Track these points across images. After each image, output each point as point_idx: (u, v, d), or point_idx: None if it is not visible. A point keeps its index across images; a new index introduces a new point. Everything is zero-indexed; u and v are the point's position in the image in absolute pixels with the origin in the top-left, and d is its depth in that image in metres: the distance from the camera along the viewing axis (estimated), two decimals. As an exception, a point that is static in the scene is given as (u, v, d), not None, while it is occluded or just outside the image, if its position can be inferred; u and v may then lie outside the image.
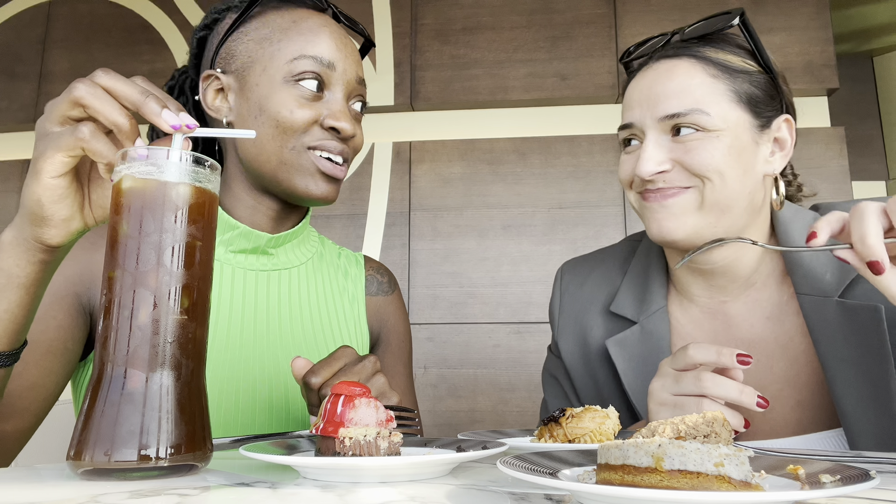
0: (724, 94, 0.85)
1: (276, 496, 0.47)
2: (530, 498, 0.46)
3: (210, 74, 0.93)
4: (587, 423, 0.73)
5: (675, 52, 0.88)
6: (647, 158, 0.85)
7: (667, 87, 0.85)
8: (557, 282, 1.11)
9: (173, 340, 0.55)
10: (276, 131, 0.89)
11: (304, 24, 0.92)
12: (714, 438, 0.54)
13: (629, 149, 0.92)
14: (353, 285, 1.08)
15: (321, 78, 0.90)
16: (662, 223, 0.85)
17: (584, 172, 2.32)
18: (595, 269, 1.07)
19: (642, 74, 0.90)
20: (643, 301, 0.97)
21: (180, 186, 0.56)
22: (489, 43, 2.41)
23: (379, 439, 0.56)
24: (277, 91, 0.89)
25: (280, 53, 0.90)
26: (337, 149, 0.91)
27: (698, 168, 0.83)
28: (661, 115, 0.85)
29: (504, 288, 2.26)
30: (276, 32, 0.91)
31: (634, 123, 0.89)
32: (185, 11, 2.56)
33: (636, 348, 0.95)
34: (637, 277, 1.00)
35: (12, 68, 2.61)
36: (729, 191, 0.84)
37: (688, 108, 0.83)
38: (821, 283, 0.86)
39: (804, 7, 2.32)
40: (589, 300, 1.04)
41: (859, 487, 0.38)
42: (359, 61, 0.96)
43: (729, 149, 0.83)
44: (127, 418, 0.52)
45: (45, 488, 0.50)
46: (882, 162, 2.78)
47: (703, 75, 0.85)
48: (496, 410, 2.19)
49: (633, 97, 0.90)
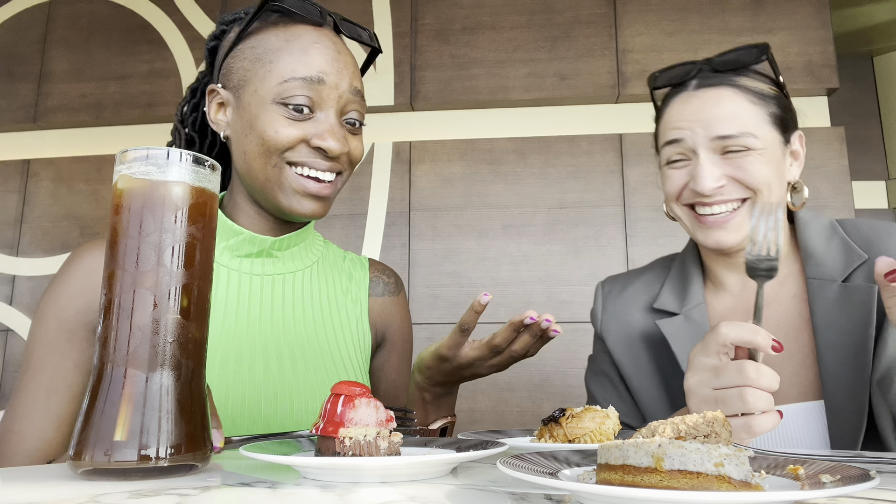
0: (763, 117, 0.98)
1: (276, 496, 0.47)
2: (530, 498, 0.46)
3: (213, 89, 0.97)
4: (587, 423, 0.73)
5: (716, 81, 1.01)
6: (706, 175, 0.96)
7: (716, 112, 0.97)
8: (598, 291, 1.22)
9: (173, 340, 0.55)
10: (262, 149, 0.91)
11: (295, 42, 0.92)
12: (714, 438, 0.54)
13: (677, 165, 1.02)
14: (356, 287, 1.08)
15: (311, 97, 0.90)
16: (721, 238, 0.98)
17: (584, 172, 2.32)
18: (634, 280, 1.18)
19: (686, 100, 1.02)
20: (683, 298, 1.08)
21: (180, 186, 0.57)
22: (489, 43, 2.41)
23: (379, 439, 0.56)
24: (266, 111, 0.90)
25: (270, 75, 0.91)
26: (324, 166, 0.92)
27: (752, 182, 0.96)
28: (715, 135, 0.96)
29: (504, 288, 2.26)
30: (268, 52, 0.92)
31: (685, 141, 0.99)
32: (185, 11, 2.56)
33: (684, 332, 1.04)
34: (677, 280, 1.11)
35: (12, 68, 2.60)
36: (774, 197, 0.97)
37: (739, 131, 0.96)
38: (828, 269, 0.96)
39: (804, 7, 2.32)
40: (630, 301, 1.14)
41: (859, 487, 0.38)
42: (354, 73, 0.95)
43: (769, 163, 0.97)
44: (127, 418, 0.52)
45: (45, 488, 0.50)
46: (882, 162, 2.78)
47: (745, 102, 0.98)
48: (496, 410, 2.19)
49: (680, 118, 1.01)
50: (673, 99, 1.04)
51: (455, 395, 1.03)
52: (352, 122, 0.95)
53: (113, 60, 2.56)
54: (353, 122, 0.96)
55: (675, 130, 1.01)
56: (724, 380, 0.73)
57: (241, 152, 0.94)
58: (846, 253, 0.97)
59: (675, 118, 1.02)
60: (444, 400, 1.00)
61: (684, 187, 1.01)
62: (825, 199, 2.20)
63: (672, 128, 1.01)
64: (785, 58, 2.29)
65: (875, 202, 2.66)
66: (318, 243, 1.09)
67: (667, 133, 1.02)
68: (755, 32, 2.31)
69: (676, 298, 1.08)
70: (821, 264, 0.98)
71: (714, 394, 0.74)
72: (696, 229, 1.02)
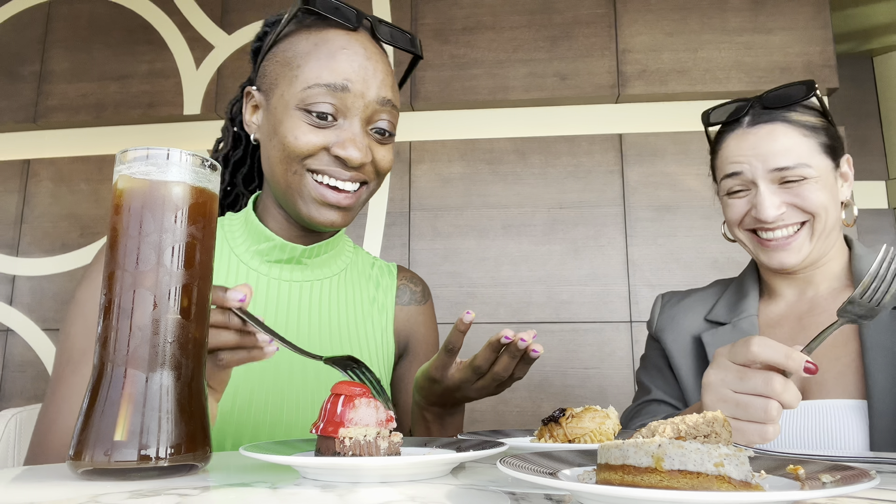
0: (815, 147, 1.06)
1: (276, 496, 0.47)
2: (530, 498, 0.46)
3: (249, 91, 0.97)
4: (587, 423, 0.73)
5: (768, 117, 1.08)
6: (768, 205, 1.04)
7: (773, 146, 1.05)
8: (658, 301, 1.30)
9: (173, 340, 0.55)
10: (283, 155, 0.89)
11: (324, 47, 0.90)
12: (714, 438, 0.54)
13: (738, 195, 1.11)
14: (383, 295, 1.07)
15: (335, 105, 0.88)
16: (784, 259, 1.06)
17: (585, 172, 2.32)
18: (692, 294, 1.25)
19: (741, 136, 1.10)
20: (735, 310, 1.15)
21: (180, 186, 0.57)
22: (489, 43, 2.41)
23: (379, 439, 0.56)
24: (289, 116, 0.89)
25: (297, 80, 0.89)
26: (345, 176, 0.90)
27: (810, 207, 1.04)
28: (773, 167, 1.04)
29: (504, 288, 2.26)
30: (297, 56, 0.91)
31: (745, 173, 1.07)
32: (185, 11, 2.56)
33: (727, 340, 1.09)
34: (733, 295, 1.19)
35: (12, 68, 2.60)
36: (831, 220, 1.05)
37: (794, 162, 1.04)
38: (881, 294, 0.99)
39: (804, 7, 2.31)
40: (686, 310, 1.22)
41: (859, 487, 0.38)
42: (383, 81, 0.92)
43: (824, 189, 1.05)
44: (127, 418, 0.52)
45: (45, 488, 0.50)
46: (882, 162, 2.78)
47: (797, 136, 1.06)
48: (496, 410, 2.19)
49: (738, 153, 1.09)
50: (728, 135, 1.12)
51: (460, 416, 0.98)
52: (380, 131, 0.92)
53: (113, 60, 2.56)
54: (382, 131, 0.93)
55: (734, 164, 1.09)
56: (748, 385, 0.73)
57: (266, 157, 0.93)
58: None
59: (732, 153, 1.10)
60: (447, 420, 0.96)
61: (746, 214, 1.09)
62: (825, 199, 2.20)
63: (731, 162, 1.09)
64: (785, 58, 2.29)
65: (875, 202, 2.66)
66: (347, 249, 1.07)
67: (726, 167, 1.11)
68: (755, 32, 2.31)
69: (729, 310, 1.15)
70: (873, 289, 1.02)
71: (735, 396, 0.73)
72: (758, 251, 1.10)
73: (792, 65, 2.28)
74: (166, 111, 2.49)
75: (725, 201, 1.14)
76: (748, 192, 1.09)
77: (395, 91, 0.95)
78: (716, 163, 1.17)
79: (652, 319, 1.28)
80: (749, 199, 1.09)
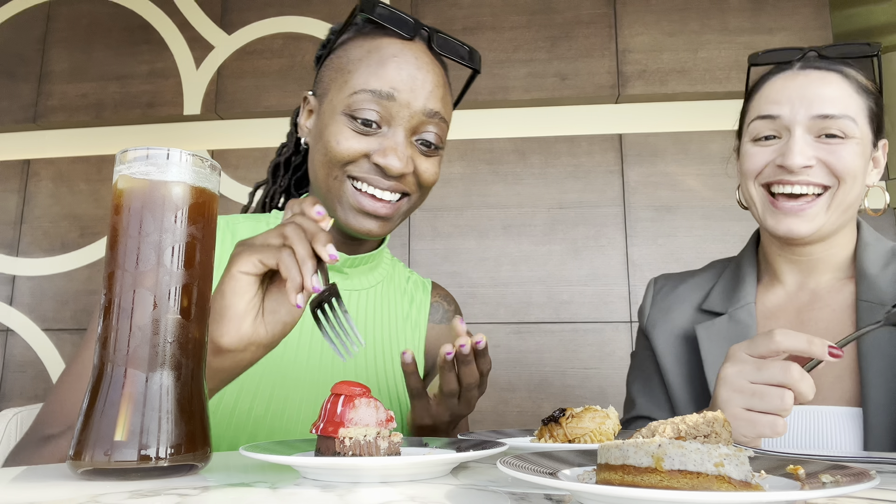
0: (863, 109, 0.97)
1: (276, 496, 0.47)
2: (530, 498, 0.46)
3: (305, 96, 0.98)
4: (587, 423, 0.73)
5: (823, 65, 0.99)
6: (798, 151, 0.93)
7: (822, 91, 0.95)
8: (650, 287, 1.21)
9: (173, 340, 0.55)
10: (325, 159, 0.89)
11: (375, 54, 0.89)
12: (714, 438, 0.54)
13: (764, 143, 0.99)
14: (416, 312, 1.07)
15: (380, 112, 0.87)
16: (794, 226, 0.96)
17: (584, 172, 2.32)
18: (687, 279, 1.16)
19: (791, 76, 0.99)
20: (732, 298, 1.06)
21: (180, 186, 0.57)
22: (489, 43, 2.41)
23: (379, 439, 0.56)
24: (335, 121, 0.89)
25: (346, 86, 0.89)
26: (384, 185, 0.89)
27: (841, 169, 0.94)
28: (817, 113, 0.94)
29: (504, 288, 2.26)
30: (350, 63, 0.91)
31: (782, 117, 0.96)
32: (185, 11, 2.56)
33: (722, 333, 1.02)
34: (729, 281, 1.10)
35: (12, 68, 2.60)
36: (854, 194, 0.97)
37: (842, 112, 0.94)
38: (880, 293, 0.96)
39: (804, 7, 2.31)
40: (681, 299, 1.13)
41: (859, 487, 0.38)
42: (432, 93, 0.91)
43: (861, 156, 0.96)
44: (127, 418, 0.52)
45: (45, 488, 0.50)
46: (882, 162, 2.78)
47: (850, 90, 0.97)
48: (496, 410, 2.19)
49: (781, 94, 0.98)
50: (774, 76, 1.02)
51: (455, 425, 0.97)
52: (425, 143, 0.91)
53: (113, 60, 2.56)
54: (427, 143, 0.91)
55: (772, 105, 0.98)
56: (765, 375, 0.73)
57: (311, 160, 0.94)
58: None
59: (775, 93, 0.99)
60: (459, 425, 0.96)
61: (767, 165, 0.97)
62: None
63: (770, 102, 0.99)
64: (785, 58, 2.29)
65: (875, 202, 2.66)
66: (385, 261, 1.06)
67: (762, 107, 0.99)
68: (755, 32, 2.31)
69: (725, 298, 1.07)
70: (873, 288, 0.97)
71: (751, 387, 0.73)
72: (767, 214, 0.99)
73: (792, 65, 2.28)
74: (166, 111, 2.49)
75: (747, 149, 1.02)
76: (778, 140, 0.98)
77: (446, 104, 0.94)
78: (749, 106, 1.05)
79: (643, 309, 1.19)
80: (777, 148, 0.97)
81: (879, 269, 0.99)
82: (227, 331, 0.65)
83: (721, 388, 0.76)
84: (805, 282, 1.04)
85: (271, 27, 2.50)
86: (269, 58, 2.48)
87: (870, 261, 1.00)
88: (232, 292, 0.65)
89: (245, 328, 0.65)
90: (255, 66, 2.47)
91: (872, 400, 0.89)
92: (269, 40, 2.49)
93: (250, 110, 2.45)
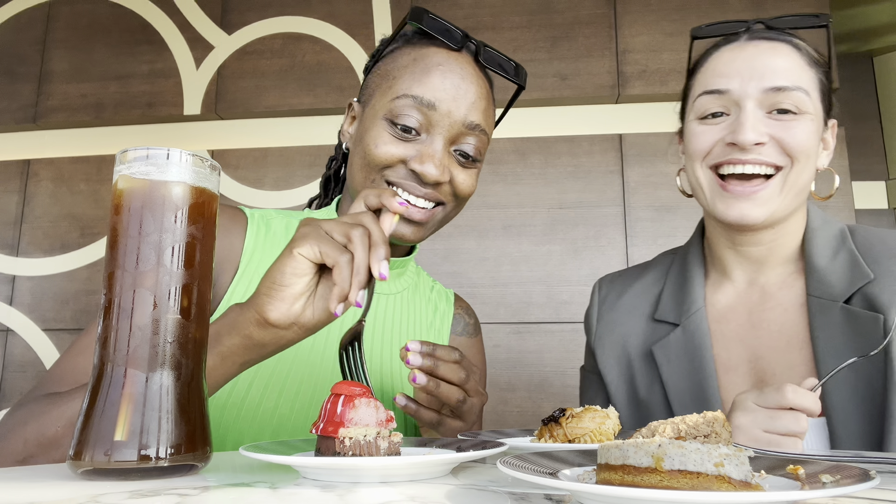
0: (816, 82, 0.91)
1: (276, 496, 0.47)
2: (530, 498, 0.46)
3: (350, 103, 0.99)
4: (587, 423, 0.73)
5: (773, 35, 0.92)
6: (751, 127, 0.86)
7: (773, 62, 0.89)
8: (595, 293, 1.13)
9: (173, 340, 0.55)
10: (363, 162, 0.90)
11: (421, 62, 0.90)
12: (714, 438, 0.54)
13: (711, 121, 0.92)
14: (440, 321, 1.07)
15: (420, 120, 0.88)
16: (746, 210, 0.88)
17: (584, 172, 2.32)
18: (634, 282, 1.09)
19: (739, 48, 0.92)
20: (683, 303, 1.00)
21: (180, 186, 0.56)
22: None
23: (379, 439, 0.56)
24: (375, 126, 0.89)
25: (389, 91, 0.90)
26: (420, 192, 0.89)
27: (795, 147, 0.87)
28: (768, 86, 0.87)
29: (504, 288, 2.26)
30: (395, 70, 0.91)
31: (732, 91, 0.89)
32: (185, 11, 2.56)
33: (679, 349, 0.98)
34: (676, 283, 1.03)
35: (12, 68, 2.60)
36: (806, 175, 0.90)
37: (794, 84, 0.87)
38: (830, 288, 0.91)
39: (804, 7, 2.31)
40: (629, 309, 1.06)
41: (859, 487, 0.38)
42: (474, 104, 0.90)
43: (815, 134, 0.89)
44: (127, 418, 0.52)
45: (45, 488, 0.50)
46: (882, 162, 2.77)
47: (801, 61, 0.90)
48: (496, 410, 2.19)
49: (729, 67, 0.91)
50: (720, 48, 0.95)
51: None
52: (463, 154, 0.91)
53: (113, 60, 2.56)
54: (465, 155, 0.92)
55: (720, 79, 0.91)
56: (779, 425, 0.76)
57: (350, 163, 0.94)
58: (851, 269, 0.91)
59: (722, 66, 0.92)
60: None
61: (715, 144, 0.90)
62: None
63: (717, 75, 0.91)
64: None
65: (875, 202, 2.66)
66: (411, 269, 1.07)
67: (708, 82, 0.92)
68: (755, 32, 2.31)
69: (676, 304, 1.01)
70: (823, 281, 0.92)
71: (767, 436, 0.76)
72: (717, 199, 0.91)
73: (792, 65, 2.28)
74: (166, 111, 2.49)
75: (693, 129, 0.94)
76: (727, 118, 0.91)
77: (488, 117, 0.94)
78: (693, 82, 0.98)
79: (589, 322, 1.10)
80: (727, 125, 0.90)
81: (828, 259, 0.93)
82: (279, 307, 0.66)
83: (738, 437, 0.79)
84: (755, 278, 0.98)
85: (271, 27, 2.50)
86: (269, 58, 2.48)
87: (818, 249, 0.94)
88: (292, 272, 0.66)
89: (296, 308, 0.67)
90: (255, 67, 2.47)
91: (836, 408, 0.87)
92: (269, 40, 2.49)
93: (250, 110, 2.45)
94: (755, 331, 0.96)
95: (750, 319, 0.98)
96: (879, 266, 0.90)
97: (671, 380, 0.97)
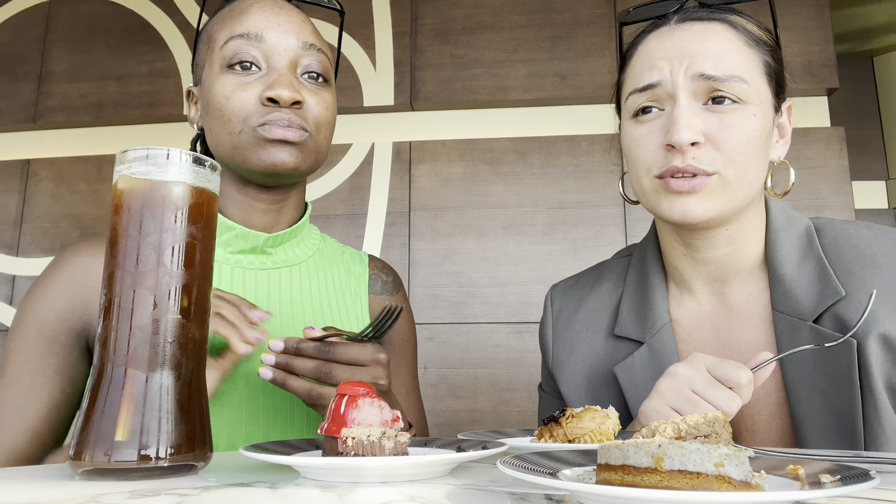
0: (758, 65, 0.81)
1: (276, 496, 0.47)
2: (530, 498, 0.46)
3: (188, 91, 0.99)
4: (587, 423, 0.73)
5: (705, 15, 0.82)
6: (685, 124, 0.76)
7: (704, 46, 0.79)
8: (548, 307, 1.04)
9: (173, 340, 0.55)
10: (222, 120, 0.89)
11: (236, 9, 0.93)
12: (714, 438, 0.54)
13: (645, 118, 0.82)
14: (356, 283, 1.06)
15: (255, 55, 0.89)
16: (689, 206, 0.79)
17: (584, 172, 2.32)
18: (589, 293, 1.00)
19: (667, 33, 0.83)
20: (646, 319, 0.92)
21: (180, 186, 0.57)
22: (489, 43, 2.41)
23: (384, 439, 0.56)
24: (218, 80, 0.90)
25: (215, 45, 0.92)
26: (285, 120, 0.88)
27: (731, 147, 0.77)
28: (699, 72, 0.78)
29: (504, 288, 2.26)
30: (214, 27, 0.94)
31: (662, 84, 0.80)
32: (185, 11, 2.56)
33: (645, 370, 0.89)
34: (635, 293, 0.94)
35: (12, 68, 2.60)
36: (753, 173, 0.79)
37: (728, 73, 0.78)
38: (798, 304, 0.83)
39: (804, 7, 2.31)
40: (586, 326, 0.97)
41: (859, 487, 0.38)
42: (301, 27, 0.92)
43: (760, 128, 0.79)
44: (127, 418, 0.52)
45: (45, 488, 0.50)
46: (882, 162, 2.77)
47: (738, 42, 0.81)
48: (496, 410, 2.19)
49: (657, 56, 0.81)
50: (648, 35, 0.86)
51: None
52: (312, 75, 0.92)
53: (113, 60, 2.56)
54: (314, 75, 0.92)
55: (649, 72, 0.81)
56: (710, 394, 0.71)
57: (209, 134, 0.93)
58: (820, 283, 0.82)
59: (650, 56, 0.83)
60: None
61: (657, 150, 0.81)
62: (825, 199, 2.20)
63: (645, 67, 0.82)
64: (785, 58, 2.28)
65: (875, 202, 2.66)
66: (314, 236, 1.06)
67: (637, 77, 0.83)
68: (755, 32, 2.31)
69: (639, 320, 0.92)
70: (790, 295, 0.83)
71: (693, 396, 0.72)
72: (661, 199, 0.82)
73: (791, 64, 2.27)
74: (166, 111, 2.49)
75: (629, 132, 0.85)
76: (660, 114, 0.81)
77: (319, 38, 0.95)
78: (624, 77, 0.88)
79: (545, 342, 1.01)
80: (662, 122, 0.80)
81: (795, 267, 0.84)
82: None
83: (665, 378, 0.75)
84: (718, 289, 0.89)
85: (271, 27, 2.50)
86: (269, 58, 2.48)
87: (783, 255, 0.85)
88: None
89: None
90: (255, 66, 2.47)
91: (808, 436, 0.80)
92: (269, 40, 2.49)
93: (250, 110, 2.46)
94: (724, 351, 0.88)
95: (718, 338, 0.89)
96: (852, 278, 0.81)
97: (637, 403, 0.88)
